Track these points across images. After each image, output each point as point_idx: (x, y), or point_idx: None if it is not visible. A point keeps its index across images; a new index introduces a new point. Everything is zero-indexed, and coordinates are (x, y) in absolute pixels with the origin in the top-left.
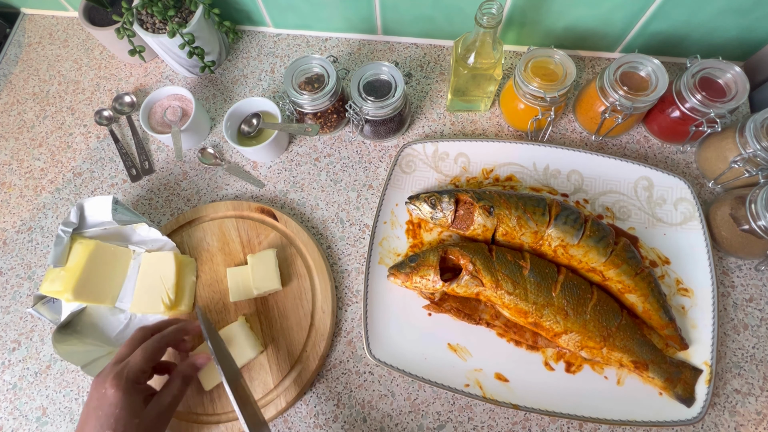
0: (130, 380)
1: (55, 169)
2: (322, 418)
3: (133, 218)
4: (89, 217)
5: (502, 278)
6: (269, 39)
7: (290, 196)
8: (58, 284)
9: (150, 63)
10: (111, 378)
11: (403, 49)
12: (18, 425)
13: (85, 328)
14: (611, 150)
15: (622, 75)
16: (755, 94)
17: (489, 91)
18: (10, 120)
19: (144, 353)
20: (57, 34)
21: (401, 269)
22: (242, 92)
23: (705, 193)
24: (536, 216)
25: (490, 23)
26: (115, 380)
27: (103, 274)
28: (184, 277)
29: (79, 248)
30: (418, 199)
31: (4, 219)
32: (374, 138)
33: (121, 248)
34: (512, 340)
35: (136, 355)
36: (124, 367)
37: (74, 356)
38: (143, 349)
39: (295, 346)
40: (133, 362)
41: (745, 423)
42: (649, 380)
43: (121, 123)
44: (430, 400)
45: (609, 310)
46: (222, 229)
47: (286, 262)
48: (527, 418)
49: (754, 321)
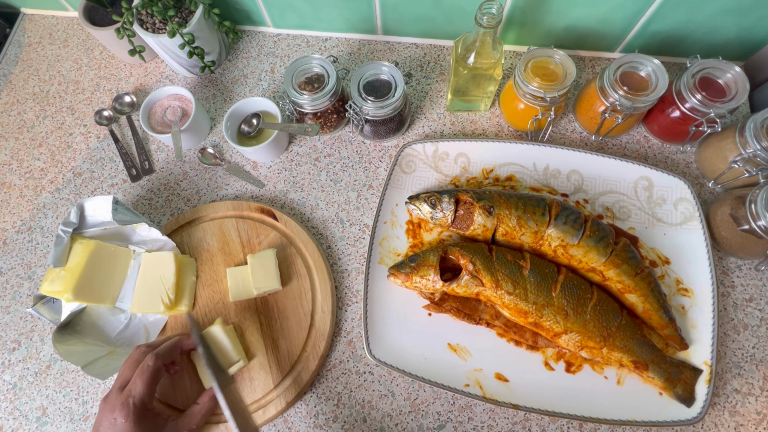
0: (138, 408)
1: (55, 169)
2: (322, 418)
3: (133, 218)
4: (89, 217)
5: (502, 278)
6: (269, 39)
7: (290, 196)
8: (58, 284)
9: (150, 63)
10: (119, 407)
11: (403, 49)
12: (18, 425)
13: (85, 328)
14: (611, 150)
15: (622, 75)
16: (755, 94)
17: (489, 91)
18: (10, 120)
19: (143, 379)
20: (57, 34)
21: (401, 269)
22: (242, 92)
23: (705, 193)
24: (536, 216)
25: (490, 23)
26: (124, 410)
27: (103, 274)
28: (184, 277)
29: (79, 248)
30: (418, 199)
31: (4, 219)
32: (374, 138)
33: (122, 248)
34: (512, 340)
35: (136, 382)
36: (128, 395)
37: (74, 356)
38: (141, 375)
39: (295, 346)
40: (135, 391)
41: (745, 423)
42: (649, 380)
43: (121, 123)
44: (430, 400)
45: (609, 310)
46: (222, 229)
47: (286, 262)
48: (527, 418)
49: (754, 321)
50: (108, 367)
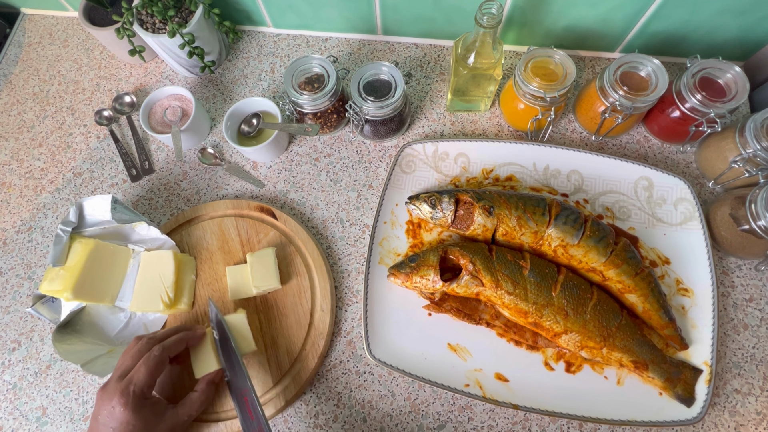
0: (138, 396)
1: (55, 169)
2: (322, 418)
3: (132, 217)
4: (88, 217)
5: (502, 278)
6: (269, 39)
7: (290, 196)
8: (58, 283)
9: (150, 63)
10: (118, 395)
11: (403, 49)
12: (18, 425)
13: (84, 327)
14: (611, 150)
15: (622, 75)
16: (755, 94)
17: (489, 91)
18: (10, 120)
19: (147, 368)
20: (57, 34)
21: (401, 269)
22: (242, 92)
23: (705, 193)
24: (536, 216)
25: (490, 23)
26: (123, 398)
27: (102, 273)
28: (184, 276)
29: (78, 247)
30: (418, 199)
31: (4, 219)
32: (374, 138)
33: (121, 247)
34: (512, 340)
35: (139, 370)
36: (129, 383)
37: (74, 355)
38: (146, 364)
39: (294, 344)
40: (137, 378)
41: (745, 423)
42: (649, 380)
43: (121, 123)
44: (430, 400)
45: (609, 310)
46: (221, 227)
47: (286, 261)
48: (527, 418)
49: (754, 321)
50: (108, 365)
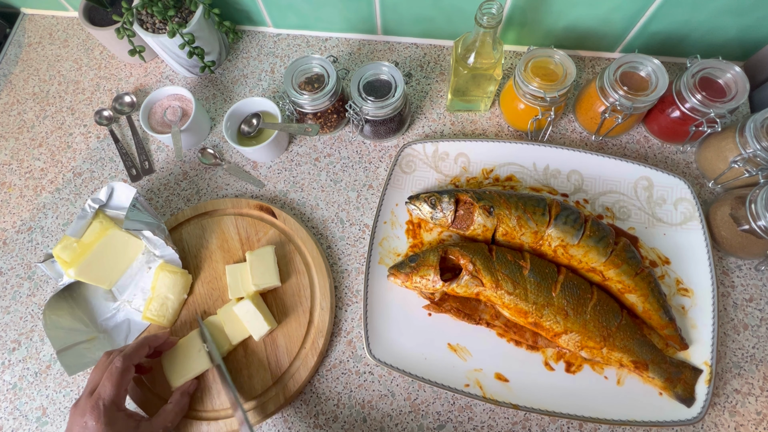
0: (108, 410)
1: (55, 169)
2: (322, 418)
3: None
4: (116, 199)
5: (502, 278)
6: (269, 39)
7: (290, 196)
8: (68, 255)
9: (150, 63)
10: (89, 410)
11: (403, 49)
12: (18, 425)
13: (79, 298)
14: (611, 150)
15: (622, 75)
16: (755, 94)
17: (489, 91)
18: (10, 120)
19: (111, 380)
20: (57, 34)
21: (401, 269)
22: (242, 92)
23: (705, 193)
24: (536, 216)
25: (490, 23)
26: (95, 412)
27: (109, 259)
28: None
29: (97, 227)
30: (418, 199)
31: (4, 219)
32: (374, 138)
33: (134, 239)
34: (512, 340)
35: (105, 384)
36: (98, 398)
37: (57, 331)
38: (110, 377)
39: (293, 342)
40: (104, 392)
41: (745, 423)
42: (649, 380)
43: (121, 123)
44: (430, 400)
45: (609, 310)
46: (221, 226)
47: (285, 259)
48: (527, 418)
49: (754, 321)
50: (81, 359)
